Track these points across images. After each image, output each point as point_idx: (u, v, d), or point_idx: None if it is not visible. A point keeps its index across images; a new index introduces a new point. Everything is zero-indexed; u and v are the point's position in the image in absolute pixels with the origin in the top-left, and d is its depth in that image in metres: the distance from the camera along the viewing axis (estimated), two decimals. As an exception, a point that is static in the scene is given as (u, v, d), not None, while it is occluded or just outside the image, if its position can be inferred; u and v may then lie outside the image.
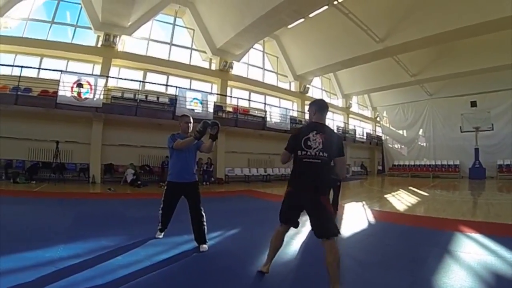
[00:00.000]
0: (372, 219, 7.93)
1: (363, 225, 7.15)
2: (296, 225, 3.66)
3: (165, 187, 5.09)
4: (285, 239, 5.12)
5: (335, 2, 15.86)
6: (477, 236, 5.82)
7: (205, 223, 4.84)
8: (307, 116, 19.67)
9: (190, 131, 5.17)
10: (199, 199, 4.94)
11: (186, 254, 4.50)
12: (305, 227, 6.62)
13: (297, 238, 5.60)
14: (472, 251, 4.86)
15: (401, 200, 12.30)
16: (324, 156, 3.36)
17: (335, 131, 3.38)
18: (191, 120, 5.20)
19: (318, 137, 3.39)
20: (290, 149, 3.57)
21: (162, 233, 5.21)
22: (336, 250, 3.28)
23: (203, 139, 4.92)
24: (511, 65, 19.55)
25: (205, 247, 4.72)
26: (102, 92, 14.53)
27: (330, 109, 16.81)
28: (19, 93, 13.33)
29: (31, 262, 3.82)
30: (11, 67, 14.49)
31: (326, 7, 16.47)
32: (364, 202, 11.03)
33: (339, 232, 3.38)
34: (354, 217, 8.11)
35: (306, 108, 24.35)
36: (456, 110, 27.31)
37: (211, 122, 4.68)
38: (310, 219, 3.41)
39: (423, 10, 15.60)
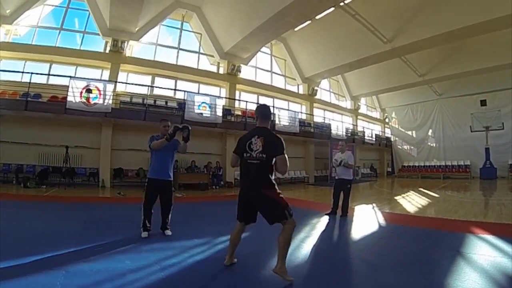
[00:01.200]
0: (382, 222, 7.87)
1: (374, 227, 7.08)
2: (253, 221, 4.10)
3: (146, 184, 5.79)
4: (296, 242, 5.12)
5: (342, 4, 15.84)
6: (490, 237, 5.73)
7: (170, 215, 5.78)
8: (316, 119, 19.83)
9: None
10: (171, 195, 5.83)
11: (196, 258, 4.48)
12: (316, 230, 6.61)
13: (307, 241, 5.58)
14: (485, 253, 4.79)
15: (412, 201, 12.19)
16: (263, 157, 3.80)
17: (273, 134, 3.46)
18: (169, 124, 5.87)
19: (259, 140, 3.86)
20: (236, 152, 4.06)
21: (147, 233, 5.55)
22: (287, 232, 3.71)
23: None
24: (521, 62, 19.37)
25: (168, 231, 5.65)
26: (111, 97, 14.60)
27: (338, 111, 16.89)
28: (29, 99, 13.46)
29: (41, 266, 3.83)
30: (21, 74, 14.62)
31: (332, 8, 16.44)
32: (374, 204, 10.94)
33: (289, 215, 3.75)
34: (365, 220, 8.05)
35: (315, 111, 24.55)
36: (465, 110, 27.07)
37: (182, 126, 5.44)
38: (260, 211, 3.90)
39: (430, 9, 15.52)
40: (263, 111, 4.19)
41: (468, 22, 14.74)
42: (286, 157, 3.84)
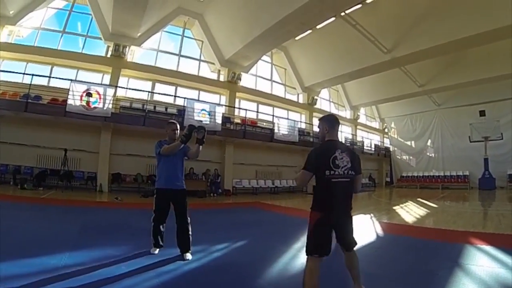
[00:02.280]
0: (380, 232, 7.85)
1: (372, 237, 7.05)
2: (329, 252, 3.33)
3: (155, 195, 5.05)
4: (293, 251, 5.11)
5: (342, 14, 15.95)
6: (489, 248, 5.71)
7: (190, 233, 4.86)
8: (315, 128, 19.77)
9: (176, 138, 5.07)
10: (186, 208, 4.95)
11: (192, 265, 4.46)
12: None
13: (304, 251, 5.56)
14: (484, 264, 4.78)
15: (410, 212, 12.17)
16: (352, 174, 3.34)
17: (344, 142, 3.35)
18: (178, 127, 5.19)
19: (345, 155, 3.31)
20: (312, 171, 3.31)
21: (158, 250, 4.97)
22: (356, 254, 3.54)
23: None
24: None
25: (189, 255, 4.72)
26: (111, 102, 14.66)
27: (338, 120, 16.36)
28: (29, 100, 13.47)
29: (36, 268, 3.83)
30: (22, 75, 14.64)
31: (333, 18, 16.58)
32: (372, 214, 10.91)
33: (356, 243, 3.54)
34: (363, 230, 8.03)
35: (315, 120, 24.58)
36: (464, 120, 27.08)
37: (197, 126, 4.86)
38: (339, 234, 3.44)
39: (430, 20, 15.61)
40: (333, 121, 3.57)
41: (468, 33, 14.84)
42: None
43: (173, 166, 4.96)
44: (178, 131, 5.14)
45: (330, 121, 3.55)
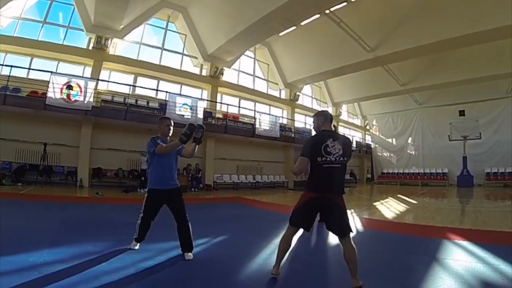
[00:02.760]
0: (361, 227, 7.91)
1: (352, 233, 7.13)
2: (309, 228, 3.87)
3: (146, 195, 4.78)
4: (272, 247, 5.15)
5: (327, 11, 15.99)
6: (465, 243, 5.83)
7: (191, 231, 4.65)
8: (297, 124, 19.92)
9: (170, 134, 4.92)
10: (183, 206, 4.73)
11: (172, 261, 4.44)
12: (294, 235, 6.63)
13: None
14: (461, 259, 4.88)
15: (390, 208, 12.33)
16: (344, 160, 3.63)
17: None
18: (172, 123, 4.97)
19: (337, 143, 3.62)
20: (309, 156, 3.64)
21: (138, 244, 4.86)
22: (353, 244, 3.66)
23: None
24: (500, 75, 19.98)
25: (190, 255, 4.56)
26: (92, 95, 14.45)
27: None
28: (7, 93, 13.15)
29: (14, 266, 3.77)
30: (0, 66, 14.32)
31: (317, 15, 16.61)
32: (353, 210, 10.99)
33: (350, 230, 3.73)
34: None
35: (296, 116, 24.65)
36: (444, 119, 27.67)
37: (197, 125, 4.56)
38: (329, 219, 3.70)
39: (414, 21, 15.82)
40: (328, 114, 4.02)
41: (450, 35, 15.13)
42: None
43: (168, 166, 4.72)
44: (172, 127, 4.92)
45: (324, 115, 3.97)
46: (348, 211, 3.91)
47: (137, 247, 4.81)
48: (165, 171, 4.69)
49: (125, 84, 17.01)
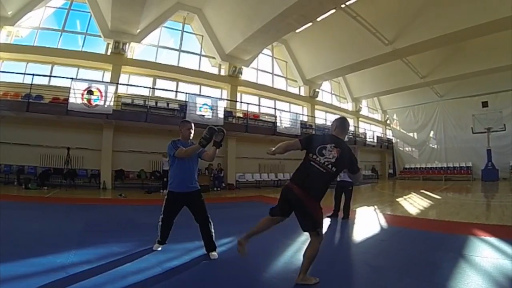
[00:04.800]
0: (384, 224, 7.85)
1: (376, 230, 7.06)
2: (282, 215, 3.80)
3: (166, 197, 4.80)
4: (297, 244, 5.10)
5: (343, 6, 15.83)
6: (492, 239, 5.70)
7: (213, 230, 4.68)
8: (317, 121, 19.83)
9: (191, 138, 4.91)
10: (204, 207, 4.73)
11: (197, 260, 4.45)
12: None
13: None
14: (488, 255, 4.77)
15: (413, 204, 12.15)
16: (332, 170, 3.52)
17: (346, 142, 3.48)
18: (193, 126, 4.93)
19: (335, 151, 3.54)
20: (303, 146, 3.71)
21: (161, 246, 4.85)
22: (315, 246, 3.59)
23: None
24: (523, 64, 19.36)
25: (215, 254, 4.58)
26: (112, 99, 14.62)
27: (340, 113, 16.81)
28: (30, 100, 13.49)
29: (42, 267, 3.83)
30: (22, 75, 14.66)
31: (333, 10, 16.46)
32: (375, 207, 10.91)
33: (320, 230, 3.62)
34: (366, 222, 8.04)
35: (317, 112, 24.51)
36: (467, 111, 26.96)
37: (217, 129, 4.40)
38: (297, 214, 3.64)
39: (432, 11, 15.53)
40: (343, 123, 3.93)
41: (469, 24, 14.75)
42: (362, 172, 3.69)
43: (188, 169, 4.72)
44: (193, 130, 4.90)
45: (340, 122, 3.92)
46: (371, 208, 3.84)
47: (159, 249, 4.81)
48: (186, 174, 4.69)
49: (145, 87, 17.19)
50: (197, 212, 4.70)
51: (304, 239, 5.85)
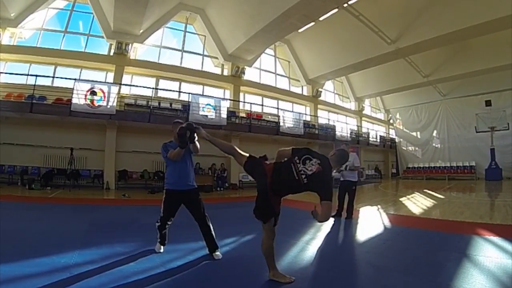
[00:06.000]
0: (388, 224, 7.83)
1: (379, 229, 7.03)
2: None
3: (164, 196, 4.83)
4: (301, 244, 5.10)
5: (345, 5, 15.80)
6: (496, 239, 5.67)
7: (212, 229, 4.73)
8: (320, 120, 19.75)
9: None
10: (202, 206, 4.80)
11: (201, 260, 4.46)
12: (321, 232, 6.59)
13: (313, 243, 5.56)
14: (492, 255, 4.75)
15: (417, 203, 12.10)
16: (303, 180, 3.45)
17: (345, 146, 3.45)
18: None
19: (316, 167, 3.46)
20: (294, 153, 3.68)
21: (163, 247, 4.85)
22: (263, 241, 3.80)
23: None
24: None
25: (218, 254, 4.61)
26: (116, 100, 14.67)
27: (343, 112, 16.76)
28: (34, 101, 13.54)
29: (46, 267, 3.85)
30: (26, 76, 14.74)
31: (336, 10, 16.42)
32: (379, 206, 10.88)
33: (265, 221, 3.76)
34: (370, 222, 8.02)
35: (320, 112, 24.49)
36: (470, 110, 26.87)
37: (182, 129, 4.42)
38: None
39: (434, 9, 15.48)
40: (342, 155, 3.82)
41: (472, 22, 14.69)
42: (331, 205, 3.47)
43: (184, 167, 4.81)
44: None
45: (340, 153, 3.83)
46: (374, 207, 3.83)
47: (161, 250, 4.80)
48: (181, 172, 4.77)
49: (147, 87, 17.27)
50: (194, 211, 4.75)
51: (308, 238, 5.87)
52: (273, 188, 3.53)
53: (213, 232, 4.72)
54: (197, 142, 4.62)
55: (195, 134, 4.45)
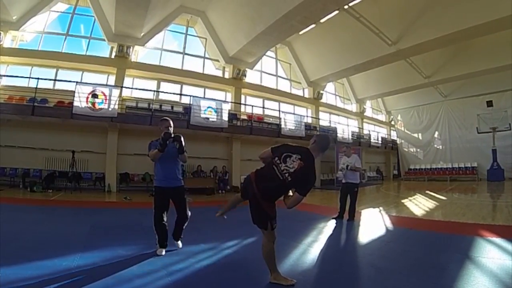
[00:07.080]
0: (390, 225, 7.80)
1: (381, 231, 7.01)
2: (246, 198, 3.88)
3: (153, 193, 5.11)
4: (303, 246, 5.10)
5: (346, 7, 15.82)
6: (499, 240, 5.65)
7: (185, 224, 5.16)
8: (321, 122, 19.75)
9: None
10: (185, 203, 5.13)
11: (203, 263, 4.46)
12: (323, 234, 6.59)
13: (314, 246, 5.55)
14: (494, 256, 4.74)
15: (419, 204, 12.09)
16: (287, 179, 3.50)
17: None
18: (172, 124, 5.10)
19: (297, 162, 3.54)
20: (274, 153, 3.75)
21: (164, 250, 4.86)
22: (264, 244, 3.77)
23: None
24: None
25: (179, 243, 5.13)
26: (117, 102, 14.67)
27: (344, 114, 16.70)
28: (35, 104, 13.56)
29: (48, 270, 3.85)
30: (27, 79, 14.81)
31: (337, 11, 16.43)
32: (381, 208, 10.86)
33: (271, 227, 3.72)
34: (372, 223, 8.00)
35: (321, 114, 24.47)
36: (472, 111, 26.77)
37: (174, 136, 4.78)
38: (250, 210, 3.73)
39: (435, 11, 15.50)
40: (323, 141, 3.92)
41: (473, 23, 14.70)
42: (304, 199, 3.62)
43: (169, 165, 5.03)
44: (172, 128, 5.07)
45: (321, 139, 3.95)
46: (376, 209, 3.83)
47: (163, 253, 4.80)
48: (166, 171, 5.01)
49: (149, 90, 17.30)
50: (178, 207, 5.08)
51: (309, 240, 5.86)
52: (262, 194, 3.55)
53: (184, 225, 5.16)
54: (185, 153, 5.01)
55: (183, 146, 4.81)
